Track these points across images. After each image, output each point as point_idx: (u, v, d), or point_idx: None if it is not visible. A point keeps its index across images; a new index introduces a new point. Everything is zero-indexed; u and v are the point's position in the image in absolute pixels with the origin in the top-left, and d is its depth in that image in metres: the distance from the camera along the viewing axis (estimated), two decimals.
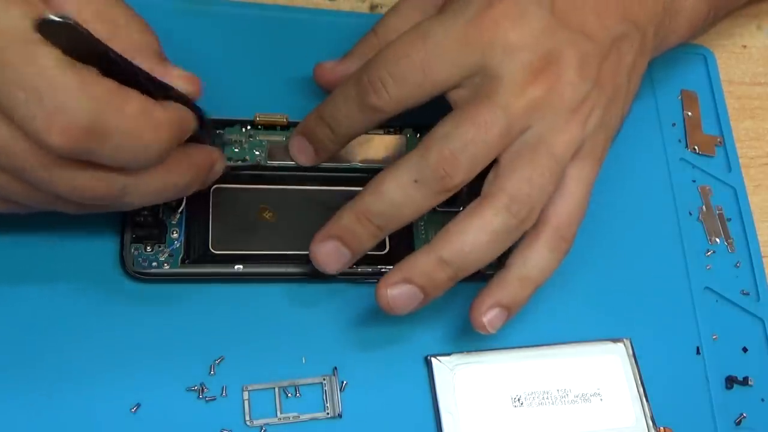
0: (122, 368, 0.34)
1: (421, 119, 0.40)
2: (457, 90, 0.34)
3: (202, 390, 0.34)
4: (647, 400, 0.37)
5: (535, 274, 0.35)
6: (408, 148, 0.40)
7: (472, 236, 0.33)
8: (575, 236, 0.35)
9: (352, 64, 0.38)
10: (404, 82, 0.33)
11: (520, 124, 0.33)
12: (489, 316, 0.34)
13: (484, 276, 0.38)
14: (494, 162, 0.34)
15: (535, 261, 0.34)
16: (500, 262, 0.35)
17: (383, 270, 0.37)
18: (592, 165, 0.35)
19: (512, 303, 0.35)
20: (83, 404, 0.33)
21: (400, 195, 0.33)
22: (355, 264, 0.36)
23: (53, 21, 0.25)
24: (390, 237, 0.38)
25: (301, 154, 0.37)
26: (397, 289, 0.33)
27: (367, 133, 0.37)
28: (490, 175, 0.34)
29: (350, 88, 0.34)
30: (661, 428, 0.37)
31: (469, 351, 0.36)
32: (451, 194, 0.33)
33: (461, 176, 0.32)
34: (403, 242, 0.38)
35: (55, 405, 0.33)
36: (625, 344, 0.38)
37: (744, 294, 0.41)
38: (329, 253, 0.34)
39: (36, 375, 0.33)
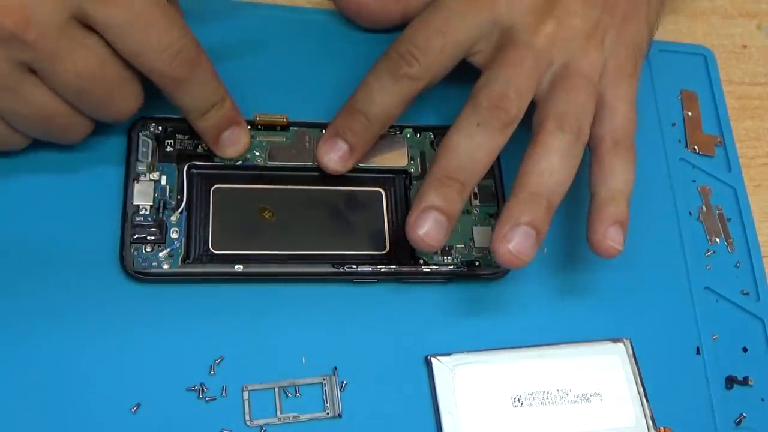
0: (122, 368, 0.34)
1: (421, 119, 0.40)
2: (479, 54, 0.38)
3: (202, 390, 0.34)
4: (647, 400, 0.37)
5: (621, 186, 0.37)
6: (408, 147, 0.40)
7: (546, 162, 0.35)
8: (634, 145, 0.38)
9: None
10: (429, 48, 0.36)
11: (544, 58, 0.37)
12: (610, 236, 0.36)
13: (481, 276, 0.38)
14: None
15: (613, 175, 0.37)
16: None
17: (383, 270, 0.37)
18: (625, 81, 0.38)
19: (620, 217, 0.36)
20: (83, 404, 0.33)
21: (469, 142, 0.35)
22: (355, 264, 0.36)
23: None
24: (390, 237, 0.38)
25: (335, 154, 0.37)
26: (515, 238, 0.34)
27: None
28: (534, 115, 0.37)
29: (380, 67, 0.37)
30: (661, 428, 0.37)
31: (469, 351, 0.36)
32: (512, 128, 0.35)
33: (515, 109, 0.35)
34: (402, 242, 0.38)
35: (56, 405, 0.33)
36: (625, 344, 0.38)
37: (744, 294, 0.41)
38: (429, 227, 0.34)
39: (36, 375, 0.33)
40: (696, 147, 0.44)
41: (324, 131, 0.38)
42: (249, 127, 0.38)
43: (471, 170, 0.35)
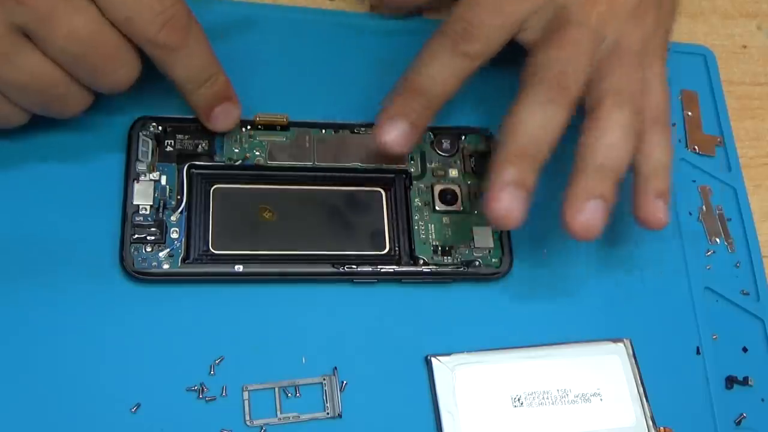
0: (122, 368, 0.34)
1: None
2: (528, 31, 0.38)
3: (202, 390, 0.34)
4: (647, 400, 0.37)
5: (664, 159, 0.38)
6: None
7: (609, 137, 0.36)
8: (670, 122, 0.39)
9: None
10: (487, 26, 0.37)
11: (598, 36, 0.37)
12: (657, 207, 0.37)
13: (481, 276, 0.38)
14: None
15: (654, 151, 0.37)
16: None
17: (383, 270, 0.37)
18: (659, 60, 0.39)
19: (664, 189, 0.37)
20: (83, 404, 0.33)
21: (538, 119, 0.35)
22: (355, 264, 0.36)
23: None
24: (390, 237, 0.38)
25: (396, 134, 0.36)
26: (588, 211, 0.35)
27: (367, 133, 0.38)
28: (589, 91, 0.37)
29: (438, 45, 0.37)
30: (661, 428, 0.37)
31: (469, 351, 0.36)
32: (574, 106, 0.36)
33: (575, 86, 0.36)
34: (402, 242, 0.38)
35: (55, 405, 0.33)
36: (625, 344, 0.38)
37: (744, 294, 0.41)
38: (509, 201, 0.35)
39: (36, 375, 0.33)
40: (696, 147, 0.44)
41: (381, 111, 0.37)
42: (249, 127, 0.38)
43: (541, 145, 0.35)
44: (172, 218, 0.36)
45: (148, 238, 0.35)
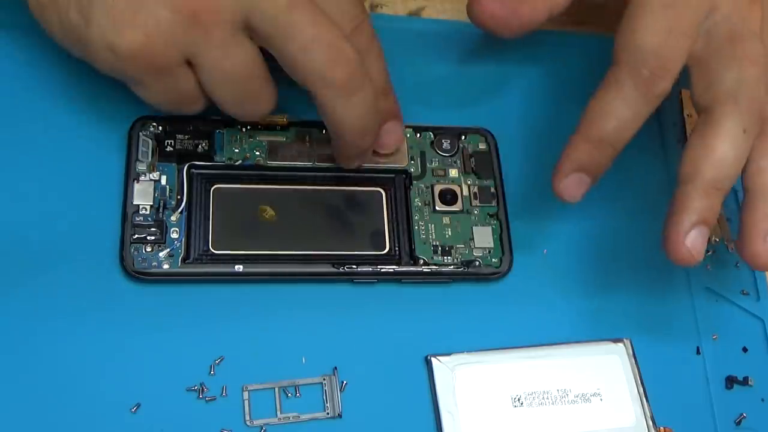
0: (122, 368, 0.34)
1: (421, 119, 0.40)
2: (698, 46, 0.35)
3: (202, 390, 0.34)
4: (647, 400, 0.37)
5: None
6: (408, 147, 0.40)
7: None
8: None
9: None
10: (677, 58, 0.34)
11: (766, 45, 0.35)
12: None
13: (481, 276, 0.38)
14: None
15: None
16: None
17: (383, 270, 0.37)
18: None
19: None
20: (83, 404, 0.33)
21: (733, 151, 0.33)
22: (355, 264, 0.36)
23: None
24: (390, 237, 0.38)
25: (578, 190, 0.35)
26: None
27: None
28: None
29: (630, 89, 0.34)
30: (661, 428, 0.37)
31: (469, 351, 0.36)
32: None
33: (761, 105, 0.34)
34: (402, 242, 0.38)
35: (55, 405, 0.33)
36: (625, 344, 0.38)
37: (744, 294, 0.41)
38: (696, 240, 0.34)
39: (35, 375, 0.33)
40: None
41: (566, 157, 0.35)
42: (249, 126, 0.38)
43: (735, 175, 0.34)
44: (172, 218, 0.36)
45: (148, 238, 0.35)
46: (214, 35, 0.32)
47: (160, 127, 0.37)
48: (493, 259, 0.38)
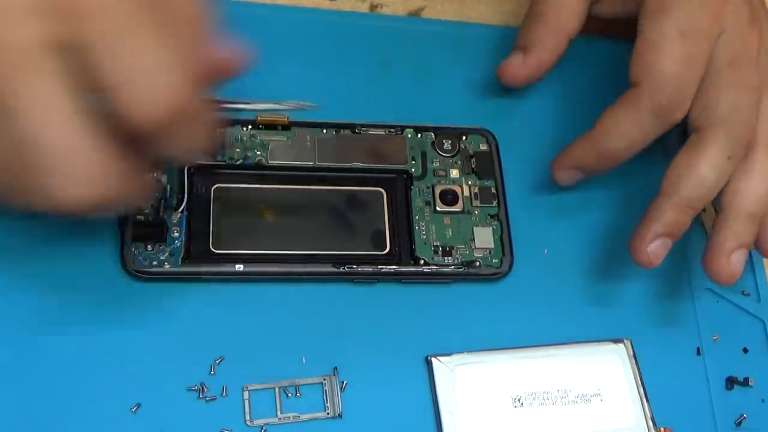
0: (122, 368, 0.34)
1: (421, 119, 0.40)
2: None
3: (202, 390, 0.34)
4: (647, 401, 0.37)
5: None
6: (408, 147, 0.40)
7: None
8: None
9: (543, 55, 0.39)
10: (691, 86, 0.35)
11: (762, 74, 0.36)
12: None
13: (481, 276, 0.38)
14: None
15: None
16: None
17: (383, 270, 0.37)
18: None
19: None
20: (83, 404, 0.33)
21: (714, 175, 0.35)
22: (355, 264, 0.36)
23: None
24: (391, 237, 0.38)
25: (571, 180, 0.38)
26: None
27: (367, 133, 0.38)
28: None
29: (645, 113, 0.35)
30: (662, 429, 0.37)
31: (469, 351, 0.36)
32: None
33: (750, 132, 0.35)
34: (403, 242, 0.38)
35: (56, 404, 0.33)
36: (625, 345, 0.38)
37: (744, 295, 0.41)
38: (658, 249, 0.36)
39: (35, 374, 0.33)
40: None
41: (562, 153, 0.38)
42: (250, 126, 0.38)
43: (707, 198, 0.36)
44: (173, 218, 0.36)
45: (149, 237, 0.35)
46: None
47: None
48: (494, 260, 0.38)
